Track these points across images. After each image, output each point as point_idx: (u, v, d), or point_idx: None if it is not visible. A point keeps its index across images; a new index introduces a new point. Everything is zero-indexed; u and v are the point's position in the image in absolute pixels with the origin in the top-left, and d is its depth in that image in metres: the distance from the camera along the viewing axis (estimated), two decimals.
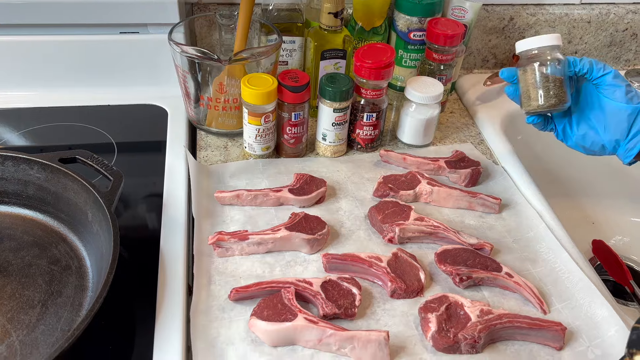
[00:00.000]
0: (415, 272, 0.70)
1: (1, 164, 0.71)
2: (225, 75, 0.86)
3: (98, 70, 0.97)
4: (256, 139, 0.84)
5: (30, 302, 0.64)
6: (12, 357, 0.58)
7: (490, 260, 0.71)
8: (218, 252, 0.72)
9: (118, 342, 0.62)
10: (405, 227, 0.74)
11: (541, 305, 0.68)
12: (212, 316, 0.65)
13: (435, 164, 0.87)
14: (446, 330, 0.63)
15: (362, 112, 0.87)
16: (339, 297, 0.66)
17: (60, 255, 0.69)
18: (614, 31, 1.13)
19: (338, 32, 0.89)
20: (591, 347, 0.64)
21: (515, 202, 0.83)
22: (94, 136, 0.90)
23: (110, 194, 0.67)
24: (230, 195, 0.78)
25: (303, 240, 0.72)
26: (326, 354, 0.62)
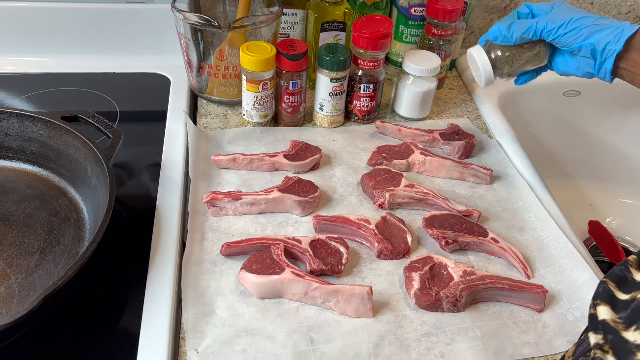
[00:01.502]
0: (403, 235, 0.72)
1: (6, 120, 0.74)
2: (226, 45, 0.88)
3: (104, 38, 0.99)
4: (254, 106, 0.86)
5: (29, 249, 0.66)
6: (10, 298, 0.61)
7: (477, 226, 0.73)
8: (212, 211, 0.74)
9: (111, 288, 0.64)
10: (395, 193, 0.76)
11: (525, 270, 0.69)
12: (203, 268, 0.67)
13: (430, 136, 0.88)
14: (429, 289, 0.65)
15: (359, 83, 0.88)
16: (327, 255, 0.68)
17: (60, 208, 0.72)
18: (617, 13, 1.13)
19: (338, 4, 0.91)
20: (571, 310, 0.65)
21: (507, 174, 0.84)
22: (98, 101, 0.92)
23: (109, 149, 0.70)
24: (226, 158, 0.80)
25: (295, 202, 0.74)
26: (311, 307, 0.64)
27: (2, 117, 0.74)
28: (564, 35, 0.69)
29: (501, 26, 0.73)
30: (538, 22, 0.70)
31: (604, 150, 1.15)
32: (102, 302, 0.63)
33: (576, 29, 0.68)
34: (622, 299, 0.42)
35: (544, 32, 0.70)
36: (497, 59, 0.77)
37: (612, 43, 0.67)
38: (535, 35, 0.71)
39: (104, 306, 0.63)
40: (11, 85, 0.95)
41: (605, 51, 0.67)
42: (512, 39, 0.73)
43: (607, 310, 0.41)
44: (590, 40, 0.68)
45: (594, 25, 0.68)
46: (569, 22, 0.69)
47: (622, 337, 0.39)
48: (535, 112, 1.09)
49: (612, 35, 0.67)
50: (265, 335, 0.60)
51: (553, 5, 0.73)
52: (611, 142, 1.13)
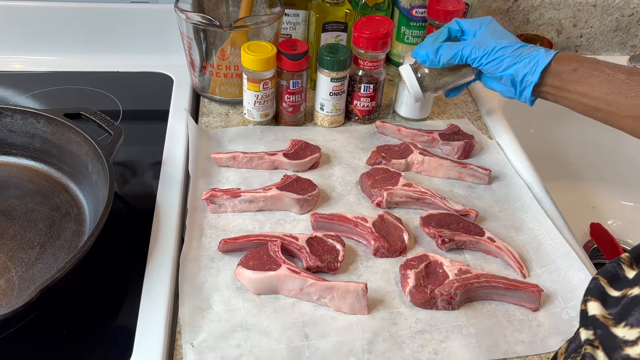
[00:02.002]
0: (399, 233, 0.72)
1: (10, 117, 0.76)
2: (228, 45, 0.89)
3: (108, 37, 1.01)
4: (255, 105, 0.87)
5: (30, 243, 0.67)
6: (10, 290, 0.62)
7: (474, 225, 0.73)
8: (211, 208, 0.75)
9: (110, 282, 0.65)
10: (393, 192, 0.77)
11: (521, 269, 0.69)
12: (201, 264, 0.68)
13: (429, 136, 0.89)
14: (424, 286, 0.65)
15: (359, 84, 0.89)
16: (323, 252, 0.68)
17: (61, 203, 0.73)
18: (620, 16, 1.13)
19: (340, 4, 0.91)
20: (566, 309, 0.66)
21: (505, 174, 0.85)
22: (101, 100, 0.94)
23: (109, 146, 0.71)
24: (226, 156, 0.81)
25: (293, 200, 0.75)
26: (307, 303, 0.64)
27: (7, 114, 0.75)
28: (487, 65, 0.72)
29: (429, 50, 0.75)
30: (464, 49, 0.73)
31: (606, 152, 1.14)
32: (100, 296, 0.64)
33: (497, 59, 0.71)
34: (613, 295, 0.42)
35: (469, 59, 0.73)
36: (425, 77, 0.79)
37: (529, 74, 0.70)
38: (461, 61, 0.74)
39: (101, 300, 0.64)
40: (18, 83, 0.97)
41: (524, 82, 0.71)
42: (440, 64, 0.75)
43: (598, 306, 0.41)
44: (509, 71, 0.71)
45: (513, 56, 0.70)
46: (491, 51, 0.71)
47: (612, 332, 0.39)
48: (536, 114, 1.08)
49: (528, 66, 0.69)
50: (260, 330, 0.61)
51: (482, 24, 0.74)
52: (613, 145, 1.13)
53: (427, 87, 0.79)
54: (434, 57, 0.75)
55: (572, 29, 1.14)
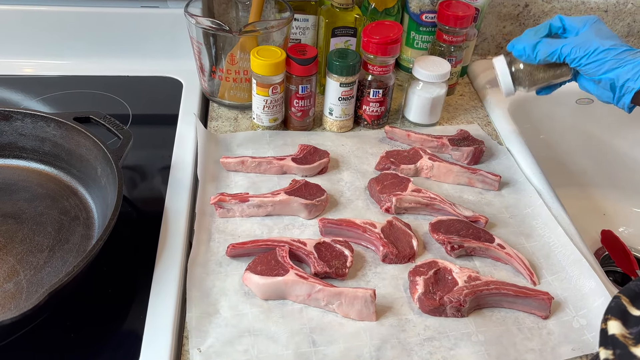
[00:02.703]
0: (408, 239, 0.72)
1: (21, 120, 0.76)
2: (238, 49, 0.89)
3: (118, 41, 1.01)
4: (264, 110, 0.86)
5: (39, 247, 0.68)
6: (19, 294, 0.62)
7: (484, 231, 0.73)
8: (219, 212, 0.75)
9: (118, 286, 0.65)
10: (402, 198, 0.76)
11: (531, 277, 0.69)
12: (209, 269, 0.67)
13: (439, 142, 0.88)
14: (433, 293, 0.65)
15: (369, 88, 0.89)
16: (331, 258, 0.68)
17: (70, 207, 0.73)
18: (632, 21, 1.12)
19: (349, 9, 0.91)
20: (577, 317, 0.65)
21: (516, 180, 0.84)
22: (111, 104, 0.94)
23: (119, 150, 0.71)
24: (235, 161, 0.81)
25: (301, 205, 0.75)
26: (314, 309, 0.64)
27: (17, 118, 0.76)
28: (586, 66, 0.69)
29: (527, 44, 0.72)
30: (564, 47, 0.70)
31: (617, 159, 1.13)
32: (108, 300, 0.64)
33: (599, 61, 0.68)
34: (635, 314, 0.41)
35: (568, 58, 0.70)
36: (519, 73, 0.77)
37: (631, 81, 0.66)
38: (559, 59, 0.71)
39: (109, 304, 0.64)
40: (29, 87, 0.97)
41: (624, 87, 0.67)
42: (536, 60, 0.72)
43: (618, 325, 0.41)
44: (610, 75, 0.68)
45: (617, 59, 0.67)
46: (593, 52, 0.68)
47: (631, 352, 0.38)
48: (547, 120, 1.08)
49: (632, 72, 0.66)
50: (267, 336, 0.61)
51: (586, 23, 0.71)
52: (625, 151, 1.12)
53: (520, 82, 0.77)
54: (530, 52, 0.72)
55: None
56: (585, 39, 0.69)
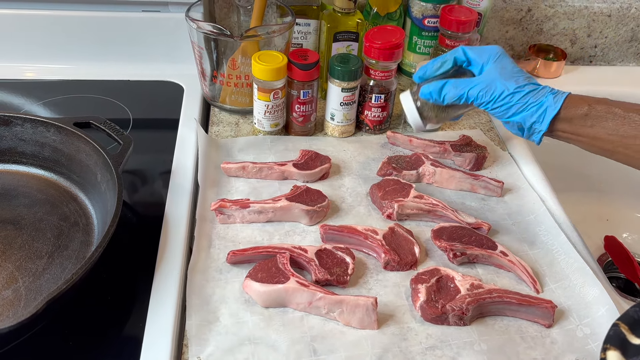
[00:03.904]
0: (410, 247, 0.71)
1: (21, 125, 0.76)
2: (239, 54, 0.88)
3: (120, 46, 1.01)
4: (265, 115, 0.86)
5: (38, 253, 0.67)
6: (17, 301, 0.62)
7: (487, 239, 0.72)
8: (220, 218, 0.74)
9: (117, 293, 0.65)
10: (404, 204, 0.76)
11: (534, 284, 0.68)
12: (209, 276, 0.67)
13: (441, 147, 0.88)
14: (435, 301, 0.64)
15: (370, 94, 0.88)
16: (333, 265, 0.67)
17: (70, 213, 0.72)
18: (635, 26, 1.12)
19: (351, 14, 0.91)
20: (581, 326, 0.64)
21: (518, 187, 0.83)
22: (112, 108, 0.94)
23: (118, 156, 0.71)
24: (236, 166, 0.81)
25: (302, 211, 0.74)
26: (315, 317, 0.63)
27: (17, 123, 0.75)
28: (493, 110, 0.69)
29: (433, 90, 0.71)
30: (470, 91, 0.69)
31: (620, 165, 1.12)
32: (107, 307, 0.63)
33: (505, 105, 0.68)
34: (634, 343, 0.41)
35: (475, 102, 0.70)
36: (427, 111, 0.75)
37: (538, 123, 0.67)
38: (466, 102, 0.70)
39: (109, 311, 0.63)
40: (30, 91, 0.97)
41: (532, 129, 0.68)
42: (444, 103, 0.72)
43: (617, 355, 0.40)
44: (517, 118, 0.68)
45: (522, 102, 0.67)
46: (499, 97, 0.68)
47: None
48: None
49: (536, 114, 0.67)
50: (268, 345, 0.60)
51: (489, 58, 0.70)
52: None
53: (429, 119, 0.76)
54: (437, 97, 0.72)
55: (586, 39, 1.13)
56: (490, 80, 0.69)
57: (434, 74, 0.73)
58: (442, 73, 0.73)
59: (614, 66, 1.17)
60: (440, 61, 0.73)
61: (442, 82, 0.71)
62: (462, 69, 0.73)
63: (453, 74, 0.73)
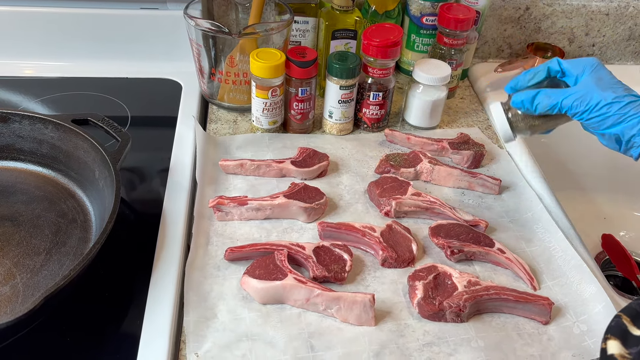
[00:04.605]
0: (408, 244, 0.71)
1: (19, 122, 0.76)
2: (237, 51, 0.88)
3: (118, 43, 1.01)
4: (263, 113, 0.86)
5: (36, 250, 0.67)
6: (15, 297, 0.62)
7: (484, 236, 0.72)
8: (218, 215, 0.74)
9: (115, 290, 0.65)
10: (402, 201, 0.76)
11: (531, 282, 0.68)
12: (206, 273, 0.67)
13: (439, 145, 0.88)
14: (432, 298, 0.64)
15: (369, 91, 0.88)
16: (330, 262, 0.68)
17: (68, 210, 0.73)
18: (633, 25, 1.12)
19: (349, 12, 0.91)
20: (577, 323, 0.64)
21: (516, 184, 0.84)
22: (110, 105, 0.94)
23: (117, 153, 0.71)
24: (234, 163, 0.81)
25: (300, 209, 0.74)
26: (313, 314, 0.64)
27: (15, 120, 0.75)
28: (588, 120, 0.65)
29: (525, 98, 0.68)
30: (564, 100, 0.66)
31: (618, 163, 1.12)
32: (104, 303, 0.63)
33: (601, 116, 0.64)
34: (635, 334, 0.41)
35: (569, 112, 0.66)
36: (518, 122, 0.72)
37: (638, 136, 0.63)
38: (560, 112, 0.67)
39: (106, 307, 0.63)
40: (28, 88, 0.97)
41: (630, 142, 0.64)
42: (536, 112, 0.69)
43: (617, 345, 0.41)
44: (614, 130, 0.64)
45: (620, 114, 0.63)
46: (595, 107, 0.64)
47: None
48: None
49: (637, 127, 0.62)
50: (265, 341, 0.60)
51: (585, 69, 0.67)
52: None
53: (519, 130, 0.72)
54: (529, 106, 0.68)
55: (584, 38, 1.13)
56: (585, 90, 0.65)
57: (526, 84, 0.70)
58: (535, 84, 0.70)
59: (612, 65, 1.17)
60: (533, 72, 0.70)
61: (535, 91, 0.68)
62: (555, 80, 0.70)
63: (547, 85, 0.70)
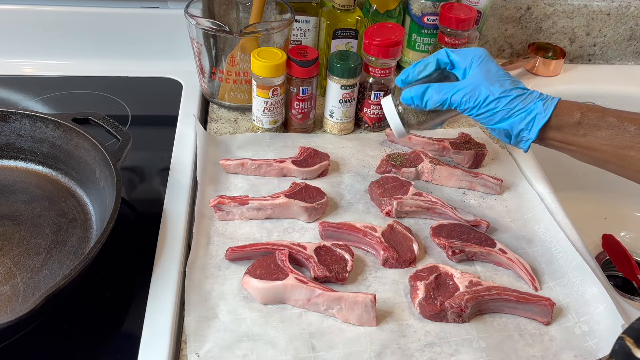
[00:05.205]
0: (409, 244, 0.71)
1: (19, 121, 0.75)
2: (238, 51, 0.88)
3: (118, 42, 1.01)
4: (264, 112, 0.86)
5: (36, 249, 0.67)
6: (15, 297, 0.62)
7: (485, 236, 0.72)
8: (219, 215, 0.74)
9: (115, 290, 0.65)
10: (403, 201, 0.76)
11: (533, 282, 0.68)
12: (207, 272, 0.67)
13: (440, 145, 0.88)
14: (433, 298, 0.64)
15: (370, 91, 0.88)
16: (331, 262, 0.67)
17: (68, 209, 0.72)
18: (634, 25, 1.12)
19: (351, 11, 0.91)
20: (579, 324, 0.64)
21: (517, 184, 0.84)
22: (110, 104, 0.94)
23: (117, 152, 0.70)
24: (235, 163, 0.81)
25: (301, 208, 0.74)
26: (314, 314, 0.63)
27: (15, 118, 0.75)
28: (478, 116, 0.66)
29: (415, 95, 0.67)
30: (453, 96, 0.65)
31: None
32: (105, 303, 0.63)
33: (490, 112, 0.64)
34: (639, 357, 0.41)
35: (459, 108, 0.66)
36: (408, 116, 0.71)
37: (526, 131, 0.64)
38: (450, 107, 0.67)
39: (107, 307, 0.63)
40: (28, 87, 0.97)
41: (519, 137, 0.65)
42: (427, 109, 0.68)
43: None
44: (503, 125, 0.65)
45: (508, 108, 0.64)
46: (483, 103, 0.64)
47: None
48: None
49: (524, 122, 0.63)
50: (266, 341, 0.60)
51: (472, 60, 0.66)
52: None
53: (411, 125, 0.72)
54: (419, 102, 0.68)
55: (585, 38, 1.13)
56: (474, 85, 0.65)
57: (417, 77, 0.70)
58: (424, 77, 0.70)
59: (613, 65, 1.17)
60: (422, 64, 0.70)
61: (424, 87, 0.67)
62: (445, 72, 0.70)
63: (437, 78, 0.70)
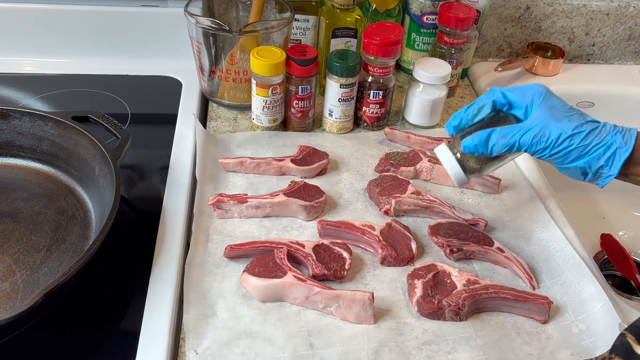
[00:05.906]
0: (407, 242, 0.71)
1: (19, 119, 0.76)
2: (238, 49, 0.88)
3: (118, 40, 1.01)
4: (263, 111, 0.86)
5: (35, 247, 0.67)
6: (15, 294, 0.62)
7: (483, 235, 0.72)
8: (218, 213, 0.74)
9: (114, 287, 0.65)
10: (402, 200, 0.76)
11: (530, 281, 0.68)
12: (206, 270, 0.67)
13: (439, 144, 0.87)
14: (431, 296, 0.64)
15: (369, 90, 0.88)
16: (330, 260, 0.68)
17: (68, 207, 0.73)
18: (633, 25, 1.12)
19: (350, 11, 0.91)
20: (576, 322, 0.64)
21: (516, 184, 0.84)
22: (110, 103, 0.94)
23: (117, 150, 0.71)
24: (234, 161, 0.81)
25: (300, 207, 0.74)
26: (312, 312, 0.64)
27: (15, 116, 0.75)
28: (550, 157, 0.61)
29: (478, 142, 0.62)
30: (522, 139, 0.60)
31: None
32: (104, 301, 0.63)
33: (564, 151, 0.59)
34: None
35: (529, 150, 0.61)
36: (468, 162, 0.65)
37: (606, 167, 0.60)
38: (519, 150, 0.62)
39: (105, 304, 0.63)
40: (28, 85, 0.97)
41: (597, 173, 0.61)
42: (493, 155, 0.63)
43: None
44: (579, 163, 0.60)
45: (583, 145, 0.59)
46: (556, 142, 0.59)
47: None
48: None
49: (603, 158, 0.59)
50: (265, 339, 0.60)
51: (533, 97, 0.62)
52: None
53: (472, 170, 0.66)
54: (484, 150, 0.62)
55: (584, 38, 1.13)
56: (542, 124, 0.60)
57: (471, 122, 0.64)
58: (479, 121, 0.64)
59: (612, 64, 1.17)
60: (476, 107, 0.64)
61: (486, 133, 0.61)
62: (502, 112, 0.65)
63: (493, 120, 0.64)
